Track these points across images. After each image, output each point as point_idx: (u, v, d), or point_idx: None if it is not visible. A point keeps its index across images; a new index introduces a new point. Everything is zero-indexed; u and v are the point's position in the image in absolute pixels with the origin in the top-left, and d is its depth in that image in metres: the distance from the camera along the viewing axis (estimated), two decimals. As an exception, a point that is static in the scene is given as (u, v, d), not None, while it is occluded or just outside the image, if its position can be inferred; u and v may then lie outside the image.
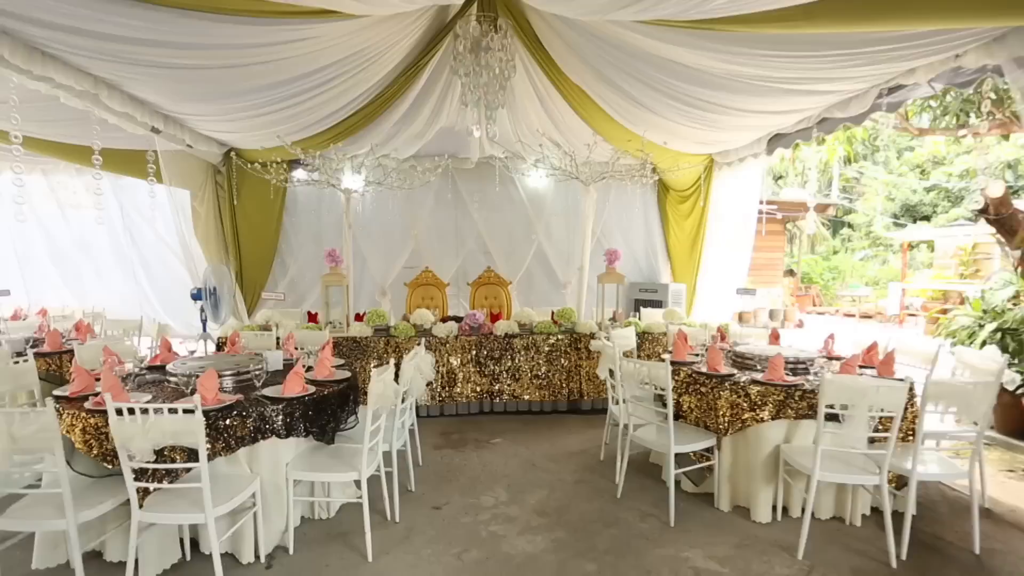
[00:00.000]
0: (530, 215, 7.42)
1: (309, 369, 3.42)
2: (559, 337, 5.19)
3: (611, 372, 3.95)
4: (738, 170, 6.67)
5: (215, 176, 6.61)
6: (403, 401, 3.38)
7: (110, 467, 2.56)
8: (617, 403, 3.82)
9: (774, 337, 4.53)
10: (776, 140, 5.78)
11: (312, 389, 3.05)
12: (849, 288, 15.39)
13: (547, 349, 5.17)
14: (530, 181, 7.36)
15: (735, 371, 3.62)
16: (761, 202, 6.55)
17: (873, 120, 8.16)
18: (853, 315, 14.54)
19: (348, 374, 3.43)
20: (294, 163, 6.71)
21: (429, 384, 4.66)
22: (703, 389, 3.57)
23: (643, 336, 5.31)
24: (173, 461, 2.57)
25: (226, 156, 6.38)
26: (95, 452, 2.57)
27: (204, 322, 5.78)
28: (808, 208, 6.50)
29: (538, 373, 5.16)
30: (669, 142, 5.80)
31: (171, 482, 2.55)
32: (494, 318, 5.70)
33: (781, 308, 10.86)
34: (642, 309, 6.41)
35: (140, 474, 2.49)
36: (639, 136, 5.63)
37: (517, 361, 5.12)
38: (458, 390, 5.05)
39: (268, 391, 2.99)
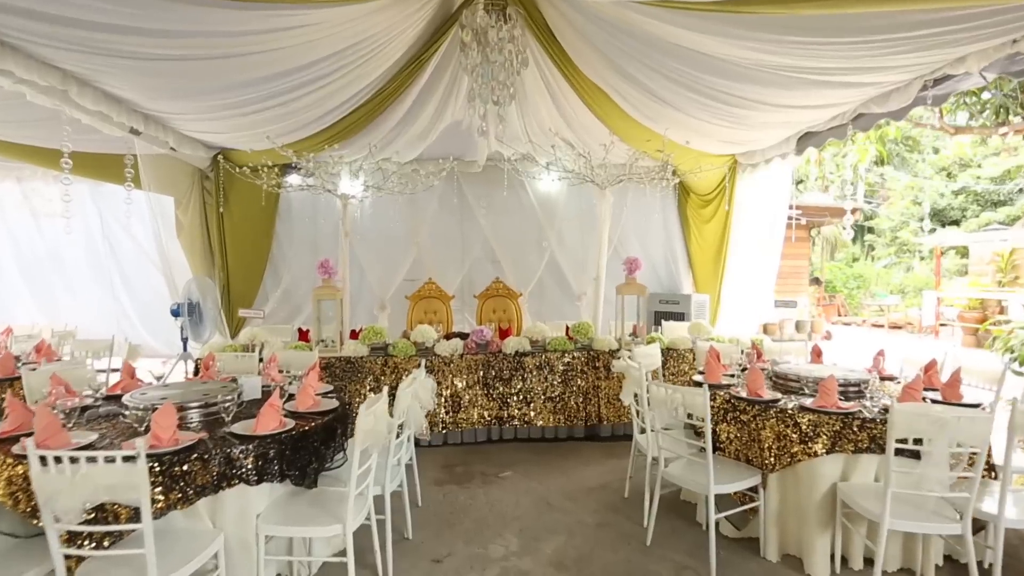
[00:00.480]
0: (541, 221, 6.97)
1: (291, 398, 2.97)
2: (575, 355, 4.71)
3: (636, 396, 3.46)
4: (764, 172, 6.18)
5: (202, 182, 6.23)
6: (398, 436, 2.91)
7: (40, 524, 2.12)
8: (643, 432, 3.33)
9: (816, 354, 4.02)
10: (806, 139, 5.29)
11: (291, 424, 2.60)
12: (875, 297, 14.74)
13: (562, 368, 4.69)
14: (541, 185, 6.92)
15: (779, 395, 3.14)
16: (790, 207, 6.05)
17: (909, 119, 7.66)
18: (881, 326, 13.91)
19: (335, 403, 2.97)
20: (288, 167, 6.34)
21: (429, 414, 4.20)
22: (744, 417, 3.08)
23: (667, 353, 4.82)
24: (116, 518, 2.12)
25: (214, 160, 6.00)
26: (22, 507, 2.13)
27: (185, 341, 5.37)
28: (846, 212, 5.98)
29: (552, 395, 4.68)
30: (692, 141, 5.34)
31: (110, 546, 2.10)
32: (503, 334, 5.23)
33: (808, 319, 10.29)
34: (663, 322, 5.92)
35: (72, 537, 2.04)
36: (659, 135, 5.18)
37: (529, 382, 4.64)
38: (463, 416, 4.58)
39: (238, 427, 2.54)
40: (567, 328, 5.27)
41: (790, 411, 2.89)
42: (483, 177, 6.84)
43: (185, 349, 5.45)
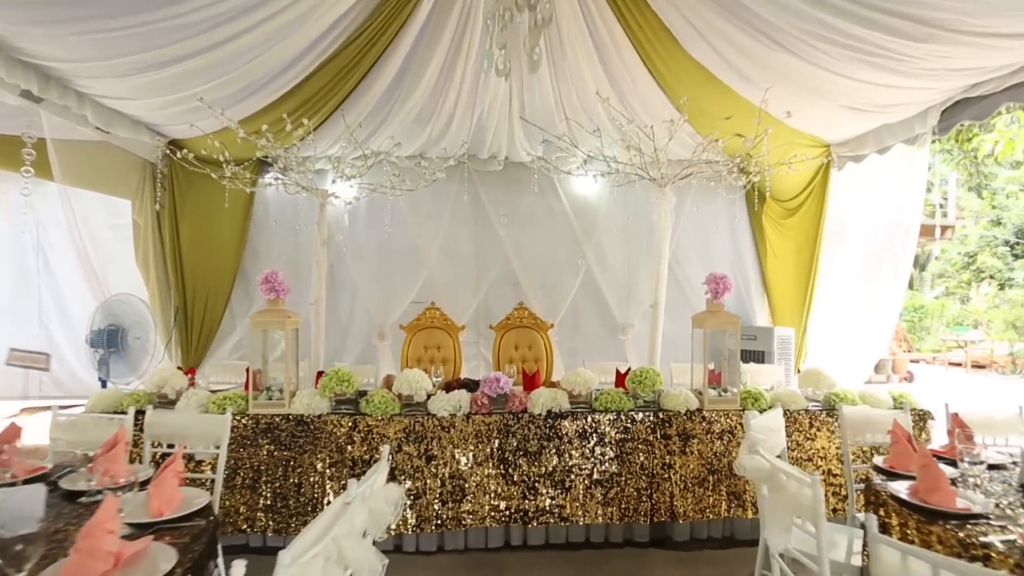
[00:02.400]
0: (576, 233, 5.50)
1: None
2: (636, 417, 3.18)
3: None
4: (878, 164, 4.66)
5: (154, 178, 4.96)
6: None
7: None
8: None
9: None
10: (958, 109, 3.76)
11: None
12: (954, 330, 12.80)
13: (617, 438, 3.16)
14: (576, 186, 5.49)
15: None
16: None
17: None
18: (959, 364, 11.98)
19: (205, 501, 1.51)
20: (264, 164, 5.05)
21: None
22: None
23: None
24: None
25: (168, 151, 4.72)
26: None
27: (103, 381, 4.00)
28: (934, 230, 4.59)
29: (602, 478, 3.13)
30: (796, 113, 3.86)
31: None
32: (528, 381, 3.74)
33: (889, 357, 8.56)
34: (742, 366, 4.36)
35: None
36: (750, 105, 3.74)
37: (567, 458, 3.12)
38: (468, 508, 3.05)
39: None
40: (618, 375, 3.76)
41: None
42: (504, 178, 5.45)
43: (104, 387, 4.08)
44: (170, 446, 2.53)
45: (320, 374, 3.55)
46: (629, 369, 3.86)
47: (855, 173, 4.97)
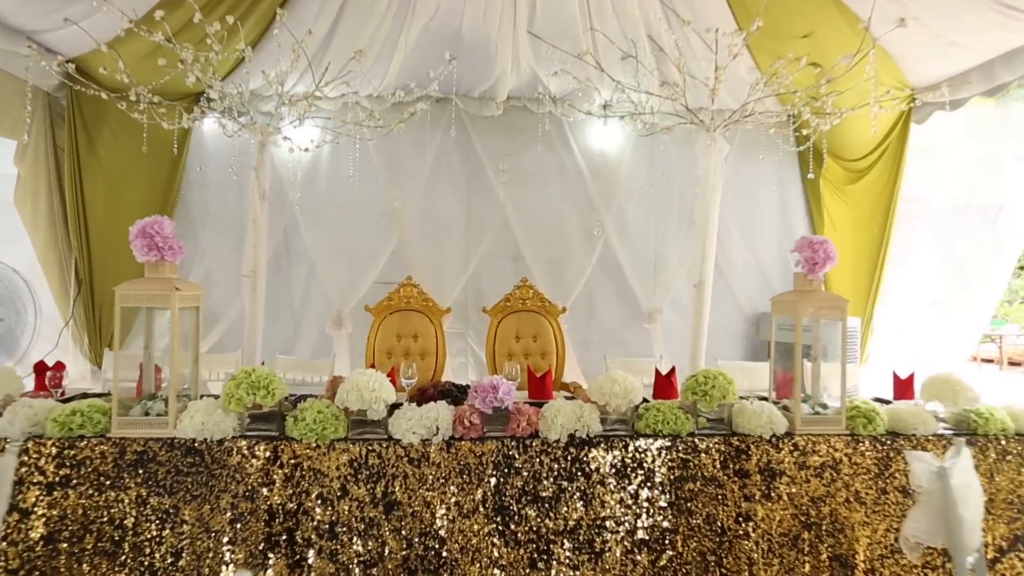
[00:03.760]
0: (592, 195, 4.42)
1: None
2: (701, 445, 2.14)
3: None
4: (979, 114, 3.64)
5: (51, 115, 3.83)
6: None
7: None
8: None
9: None
10: None
11: None
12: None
13: (670, 476, 2.12)
14: (593, 137, 4.41)
15: None
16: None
17: None
18: (991, 360, 11.09)
19: None
20: (205, 100, 3.92)
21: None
22: None
23: (883, 443, 2.24)
24: None
25: (68, 80, 3.58)
26: None
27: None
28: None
29: (649, 537, 2.10)
30: (915, 20, 2.80)
31: None
32: (536, 385, 2.70)
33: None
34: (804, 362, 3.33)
35: None
36: (841, 21, 2.69)
37: (597, 507, 2.07)
38: (449, 584, 2.01)
39: None
40: (659, 378, 2.73)
41: None
42: (503, 125, 4.36)
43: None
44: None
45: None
46: (673, 370, 2.82)
47: (945, 126, 3.94)
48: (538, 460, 2.07)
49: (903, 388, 2.97)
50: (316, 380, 3.29)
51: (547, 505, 2.05)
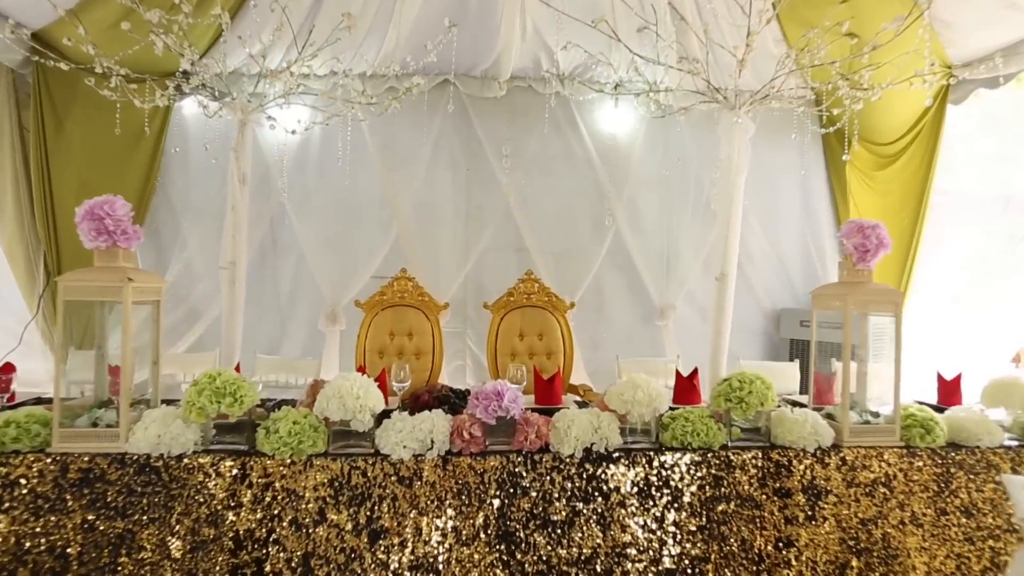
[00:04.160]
0: (602, 183, 4.13)
1: None
2: (735, 460, 1.86)
3: None
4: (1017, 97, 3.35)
5: (15, 93, 3.54)
6: None
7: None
8: None
9: None
10: None
11: None
12: None
13: (703, 496, 1.84)
14: (603, 120, 4.11)
15: None
16: None
17: None
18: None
19: None
20: (182, 76, 3.62)
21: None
22: None
23: (942, 457, 1.96)
24: None
25: (27, 51, 3.28)
26: None
27: None
28: None
29: (677, 567, 1.81)
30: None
31: None
32: (543, 389, 2.42)
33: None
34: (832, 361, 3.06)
35: None
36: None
37: (617, 533, 1.79)
38: (445, 625, 1.73)
39: None
40: (680, 380, 2.46)
41: None
42: (506, 107, 4.07)
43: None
44: None
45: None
46: (695, 372, 2.55)
47: (986, 107, 3.64)
48: (548, 478, 1.78)
49: (949, 391, 2.71)
50: (302, 383, 3.01)
51: (559, 531, 1.77)
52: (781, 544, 1.87)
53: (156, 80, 3.06)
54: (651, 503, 1.82)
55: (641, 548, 1.80)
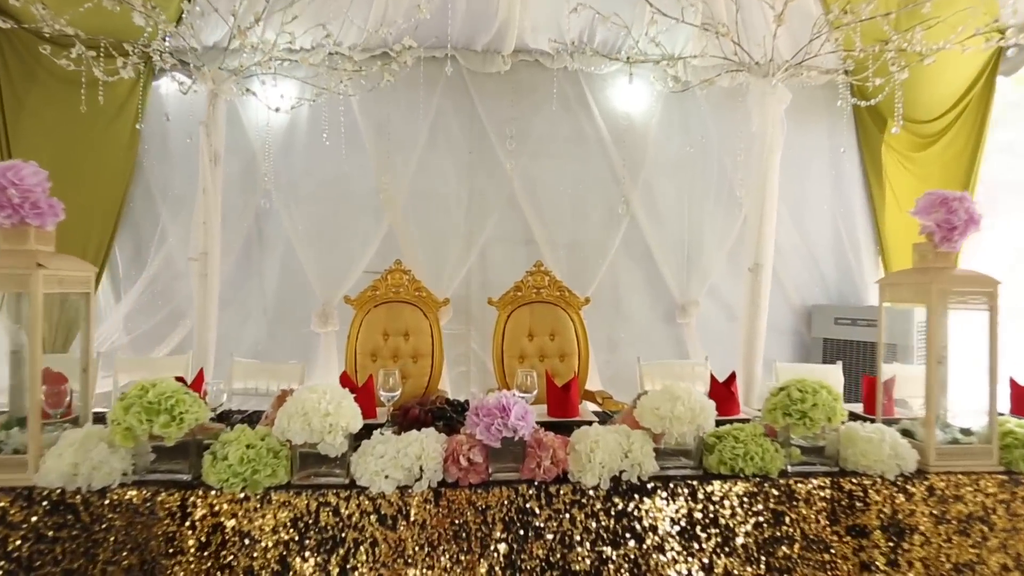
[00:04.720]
0: (616, 167, 3.76)
1: None
2: (798, 489, 1.50)
3: None
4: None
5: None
6: None
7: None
8: None
9: None
10: None
11: None
12: None
13: (757, 537, 1.48)
14: (616, 98, 3.74)
15: None
16: None
17: None
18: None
19: None
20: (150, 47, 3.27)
21: None
22: None
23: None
24: None
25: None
26: None
27: None
28: None
29: (729, 625, 1.46)
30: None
31: None
32: (557, 399, 2.06)
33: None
34: (885, 365, 2.66)
35: None
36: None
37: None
38: None
39: None
40: (715, 386, 2.11)
41: None
42: (511, 84, 3.71)
43: None
44: None
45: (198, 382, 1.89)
46: (733, 377, 2.20)
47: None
48: (567, 516, 1.43)
49: (1025, 399, 2.33)
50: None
51: (581, 582, 1.42)
52: (856, 594, 1.51)
53: (115, 46, 2.71)
54: (696, 546, 1.46)
55: (683, 602, 1.44)
